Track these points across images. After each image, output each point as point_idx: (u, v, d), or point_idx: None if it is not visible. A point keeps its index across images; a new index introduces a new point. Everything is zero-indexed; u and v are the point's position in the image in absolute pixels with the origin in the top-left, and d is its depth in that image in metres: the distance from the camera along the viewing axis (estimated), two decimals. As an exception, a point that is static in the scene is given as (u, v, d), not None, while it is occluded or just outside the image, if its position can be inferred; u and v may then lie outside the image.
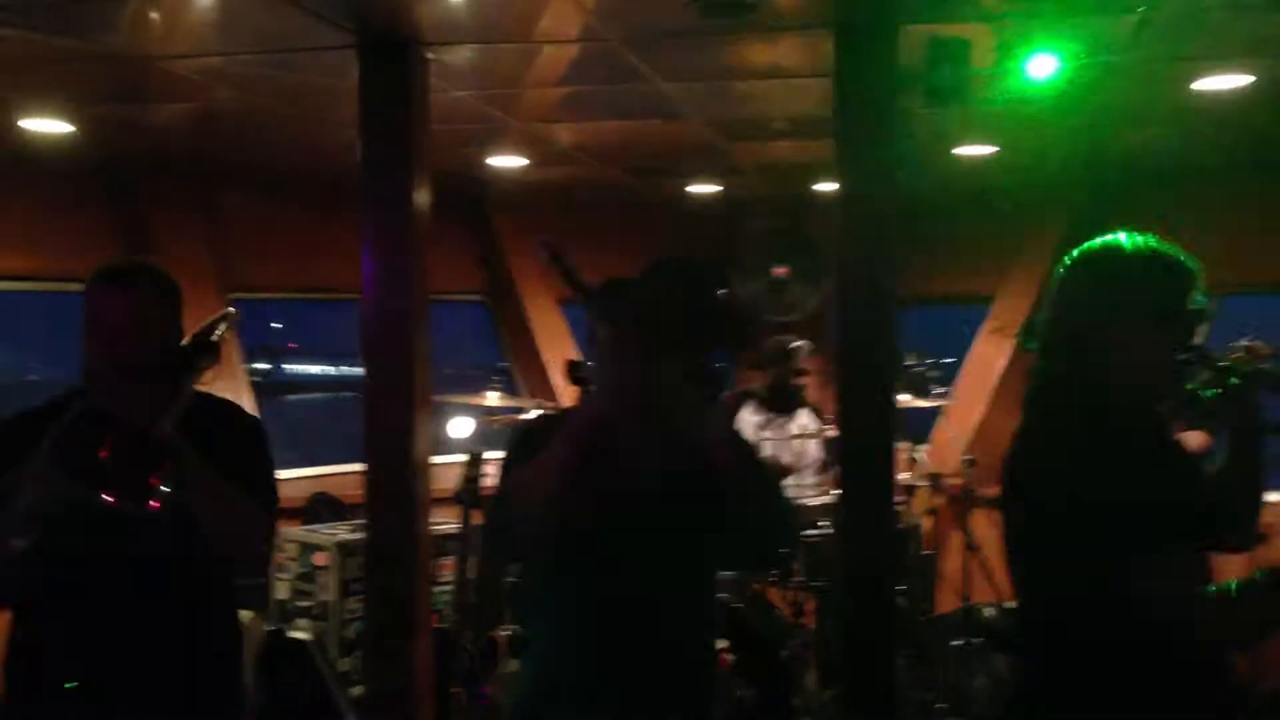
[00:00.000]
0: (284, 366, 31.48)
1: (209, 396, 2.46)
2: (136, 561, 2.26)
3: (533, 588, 2.46)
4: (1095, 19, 3.53)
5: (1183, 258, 2.13)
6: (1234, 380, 2.12)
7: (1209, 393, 2.14)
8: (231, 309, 5.82)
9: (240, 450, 2.42)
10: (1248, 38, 3.79)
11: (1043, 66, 3.45)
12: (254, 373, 6.45)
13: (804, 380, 5.79)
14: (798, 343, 5.86)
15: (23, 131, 4.81)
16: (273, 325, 27.25)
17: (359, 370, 3.69)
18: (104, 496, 2.07)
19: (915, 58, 3.54)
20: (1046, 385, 2.20)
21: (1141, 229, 2.20)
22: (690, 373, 2.16)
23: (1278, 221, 5.98)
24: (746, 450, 2.33)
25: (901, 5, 3.36)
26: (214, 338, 2.43)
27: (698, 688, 2.39)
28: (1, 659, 2.37)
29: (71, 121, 4.78)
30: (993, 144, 5.52)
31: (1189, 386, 2.16)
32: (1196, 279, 2.11)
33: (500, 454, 2.43)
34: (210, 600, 2.45)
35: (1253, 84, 4.27)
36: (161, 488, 2.09)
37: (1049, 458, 2.07)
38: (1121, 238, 2.17)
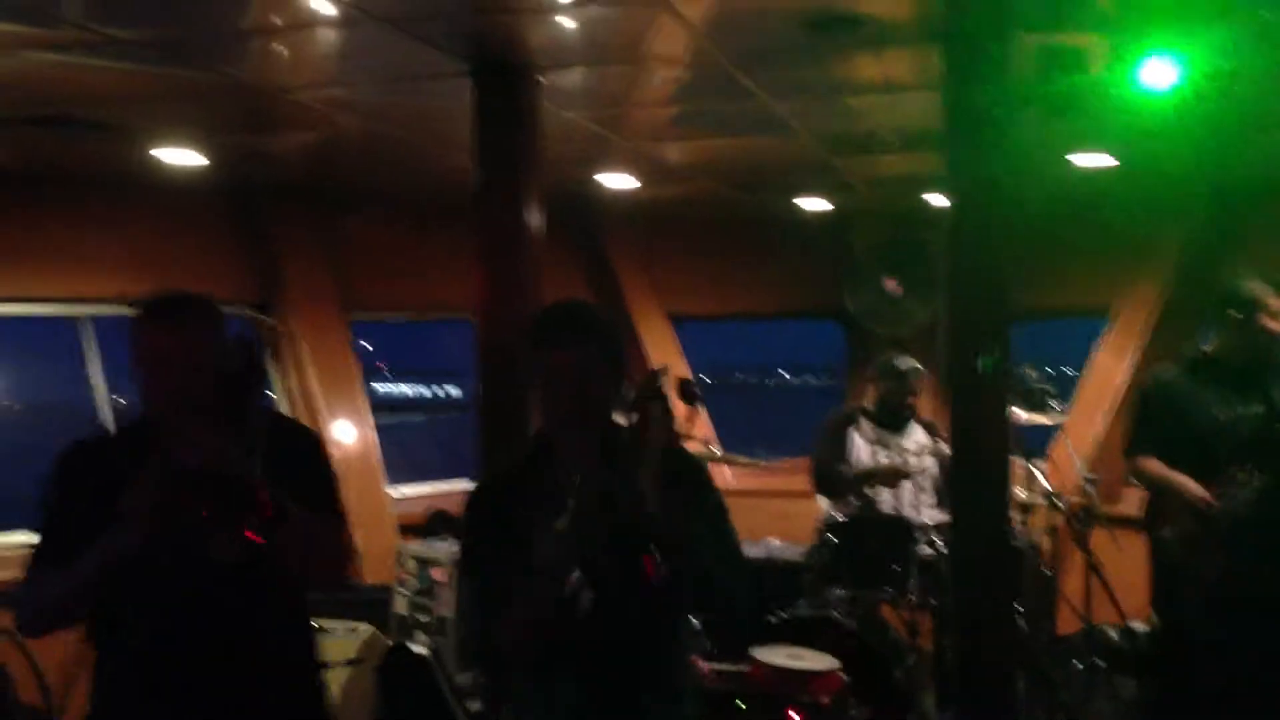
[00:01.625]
0: (374, 386, 31.92)
1: (264, 413, 2.39)
2: (219, 585, 2.23)
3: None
4: (1215, 25, 3.44)
5: None
6: None
7: None
8: (259, 315, 5.92)
9: (308, 468, 2.37)
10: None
11: (1160, 74, 3.37)
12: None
13: (916, 400, 5.71)
14: (911, 363, 5.79)
15: (155, 160, 5.04)
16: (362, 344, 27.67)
17: (453, 391, 3.75)
18: (209, 552, 2.08)
19: (1027, 66, 3.50)
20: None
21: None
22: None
23: None
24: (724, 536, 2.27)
25: (1011, 14, 3.32)
26: (259, 357, 2.38)
27: None
28: (88, 681, 2.36)
29: (202, 151, 5.00)
30: (1111, 155, 5.40)
31: None
32: None
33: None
34: (288, 618, 2.43)
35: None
36: (259, 530, 2.06)
37: None
38: None
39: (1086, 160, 5.49)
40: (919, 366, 5.75)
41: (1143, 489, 4.04)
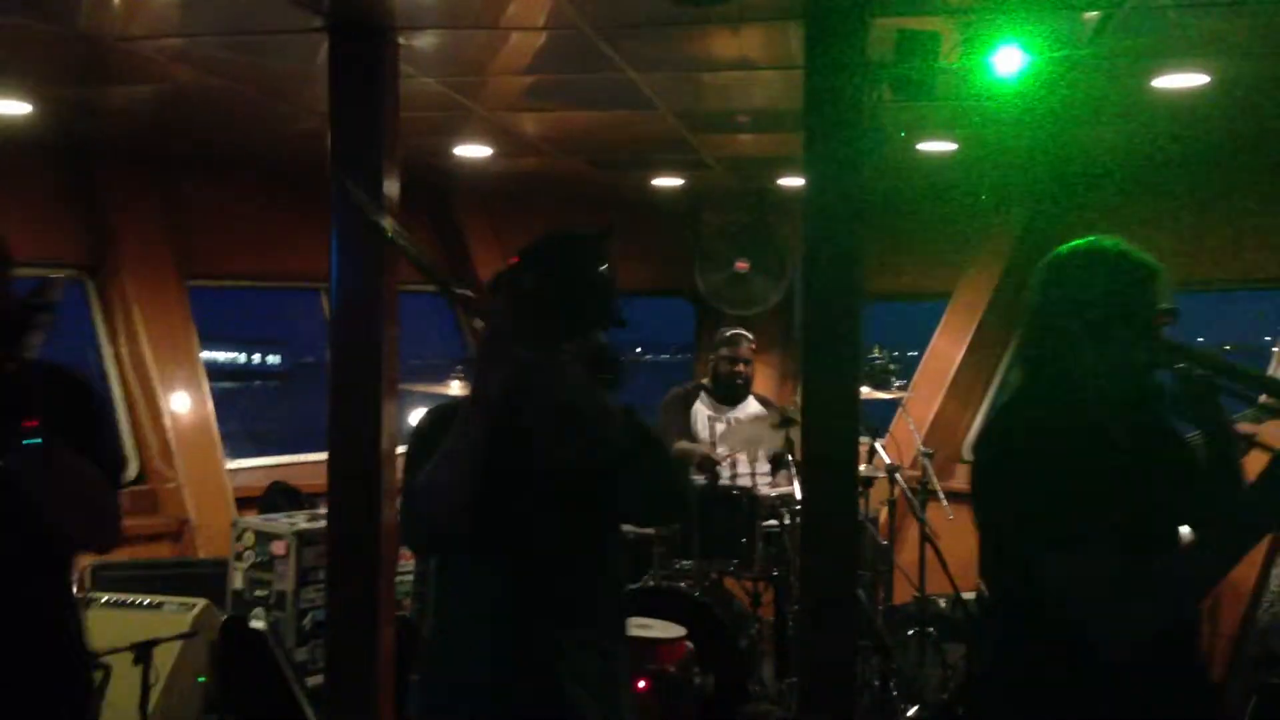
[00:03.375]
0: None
1: (35, 362, 2.27)
2: None
3: (445, 580, 2.42)
4: (1059, 14, 3.58)
5: (1150, 260, 2.16)
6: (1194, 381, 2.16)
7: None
8: (59, 275, 5.75)
9: (77, 416, 2.25)
10: (1205, 36, 3.86)
11: (1008, 61, 3.49)
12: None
13: (744, 369, 5.83)
14: (734, 330, 5.90)
15: (-22, 110, 4.74)
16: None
17: (271, 359, 3.65)
18: None
19: (884, 51, 3.57)
20: (1017, 395, 2.23)
21: (1100, 227, 2.25)
22: (583, 354, 2.22)
23: (1234, 220, 6.10)
24: (638, 426, 2.33)
25: (871, -2, 3.38)
26: (44, 301, 2.22)
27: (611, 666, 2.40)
28: None
29: (29, 100, 4.71)
30: (954, 140, 5.58)
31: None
32: (1164, 280, 2.15)
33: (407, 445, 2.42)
34: (43, 577, 2.30)
35: (1208, 83, 4.36)
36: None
37: (1005, 461, 2.12)
38: (1091, 242, 2.20)
39: (931, 146, 5.67)
40: (742, 333, 5.88)
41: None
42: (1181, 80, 4.35)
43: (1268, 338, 9.44)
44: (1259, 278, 6.33)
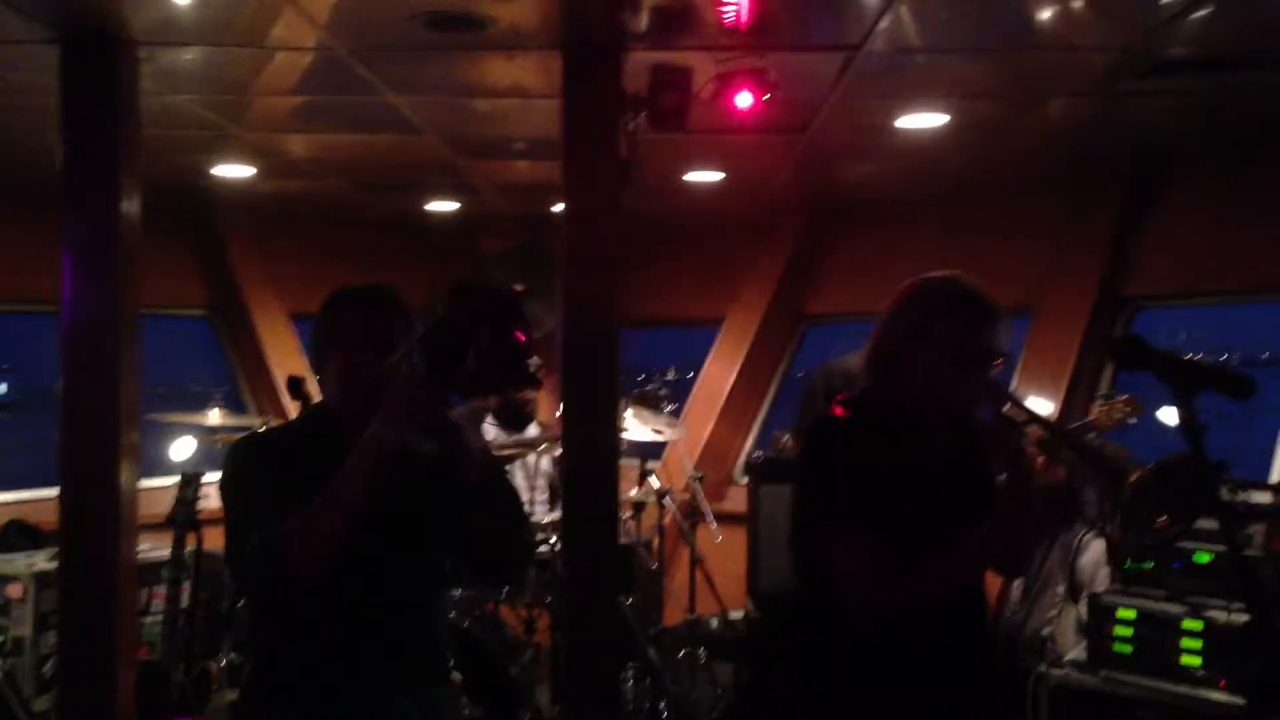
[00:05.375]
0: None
1: None
2: None
3: (270, 622, 2.33)
4: (804, 55, 3.74)
5: (995, 304, 2.32)
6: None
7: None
8: None
9: None
10: (945, 80, 4.11)
11: (746, 99, 3.61)
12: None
13: (533, 396, 5.84)
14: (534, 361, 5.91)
15: None
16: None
17: None
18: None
19: (640, 82, 3.65)
20: (856, 396, 2.42)
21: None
22: (500, 410, 2.24)
23: (976, 251, 6.47)
24: (496, 467, 2.33)
25: (625, 31, 3.45)
26: None
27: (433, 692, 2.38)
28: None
29: None
30: (720, 170, 5.75)
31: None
32: (1005, 325, 2.32)
33: (220, 473, 2.29)
34: None
35: (948, 122, 4.63)
36: None
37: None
38: (947, 278, 2.36)
39: (698, 176, 5.81)
40: (538, 361, 5.87)
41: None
42: (923, 120, 4.61)
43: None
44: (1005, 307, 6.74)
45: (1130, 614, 3.75)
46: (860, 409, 2.37)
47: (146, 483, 4.00)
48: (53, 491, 5.92)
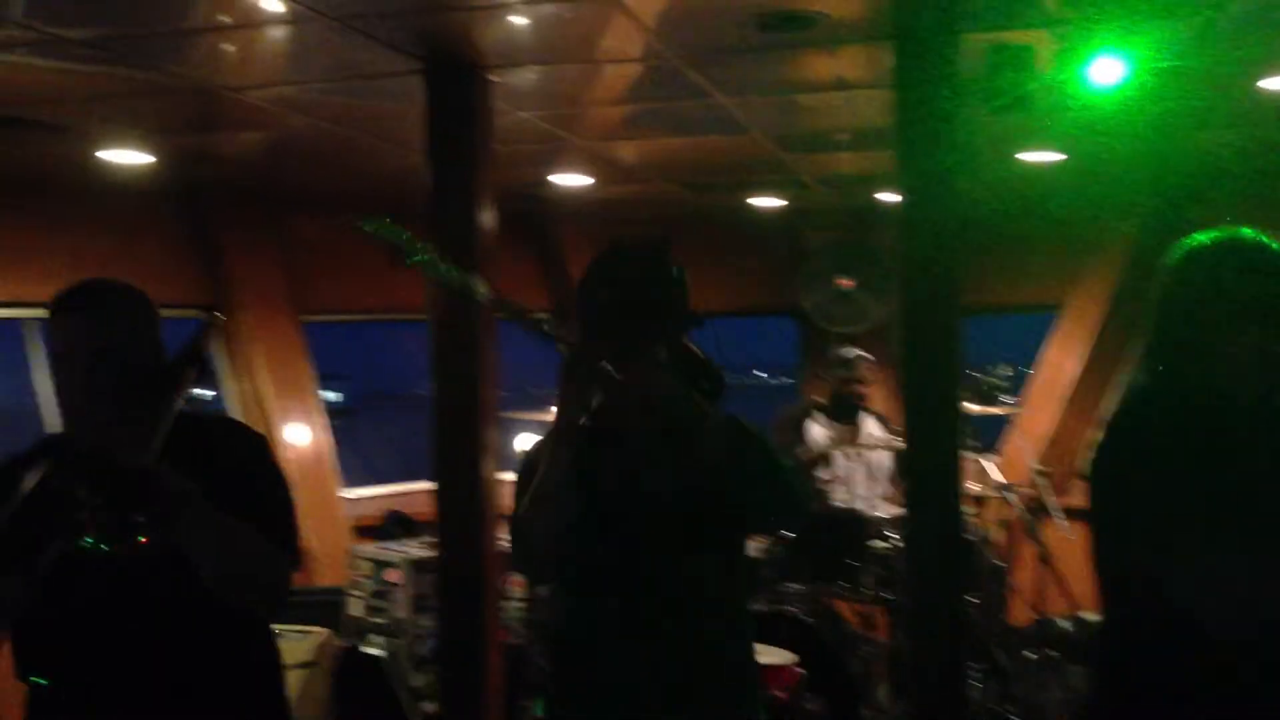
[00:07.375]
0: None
1: (204, 415, 2.26)
2: (148, 603, 2.07)
3: (559, 610, 2.41)
4: (1159, 22, 3.49)
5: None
6: None
7: None
8: (217, 314, 5.94)
9: (245, 475, 2.17)
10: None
11: (1107, 71, 3.41)
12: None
13: (864, 389, 5.77)
14: (855, 352, 5.86)
15: (103, 161, 4.97)
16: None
17: (330, 396, 3.70)
18: (84, 541, 1.85)
19: (977, 66, 3.53)
20: (1139, 397, 2.17)
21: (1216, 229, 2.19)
22: (680, 367, 2.19)
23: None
24: (743, 432, 2.26)
25: (961, 13, 3.34)
26: (196, 350, 2.17)
27: (737, 687, 2.36)
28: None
29: (150, 152, 4.93)
30: (1059, 151, 5.46)
31: None
32: None
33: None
34: (233, 632, 2.20)
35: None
36: (146, 522, 1.88)
37: (1135, 460, 2.05)
38: (1227, 232, 2.13)
39: (1035, 156, 5.55)
40: (864, 354, 5.82)
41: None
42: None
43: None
44: None
45: None
46: None
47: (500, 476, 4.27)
48: (424, 485, 6.54)
